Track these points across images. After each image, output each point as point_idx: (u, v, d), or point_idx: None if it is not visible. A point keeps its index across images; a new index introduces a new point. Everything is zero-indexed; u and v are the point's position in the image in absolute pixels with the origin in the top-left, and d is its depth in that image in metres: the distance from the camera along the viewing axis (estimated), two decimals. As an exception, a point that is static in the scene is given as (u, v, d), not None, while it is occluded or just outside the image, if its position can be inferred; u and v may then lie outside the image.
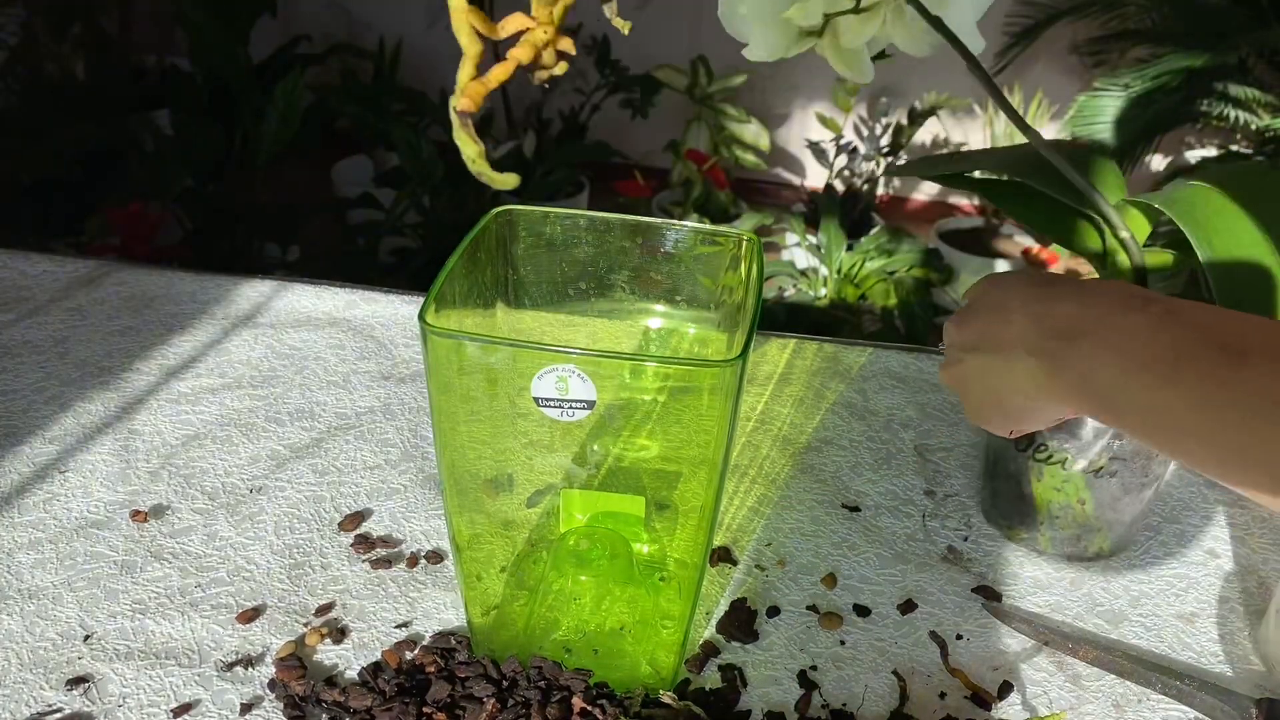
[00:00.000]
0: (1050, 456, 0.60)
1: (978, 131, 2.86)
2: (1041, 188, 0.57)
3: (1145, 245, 0.57)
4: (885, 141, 2.74)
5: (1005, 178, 0.59)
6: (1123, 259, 0.57)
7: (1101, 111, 2.26)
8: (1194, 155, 2.65)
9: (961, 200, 3.01)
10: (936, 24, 0.49)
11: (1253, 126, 2.27)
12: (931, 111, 2.69)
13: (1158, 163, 2.67)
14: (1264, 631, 0.57)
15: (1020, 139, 2.65)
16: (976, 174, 0.63)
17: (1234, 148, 2.51)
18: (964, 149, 2.44)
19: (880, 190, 2.95)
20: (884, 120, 2.76)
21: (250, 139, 2.10)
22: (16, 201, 2.07)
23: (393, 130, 2.11)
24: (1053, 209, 0.59)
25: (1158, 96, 2.20)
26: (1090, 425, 0.58)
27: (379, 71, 2.62)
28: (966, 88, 2.74)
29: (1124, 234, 0.56)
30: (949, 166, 0.63)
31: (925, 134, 2.92)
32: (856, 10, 0.50)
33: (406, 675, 0.53)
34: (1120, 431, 0.44)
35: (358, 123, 2.33)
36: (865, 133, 2.79)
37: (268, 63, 2.36)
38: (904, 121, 2.72)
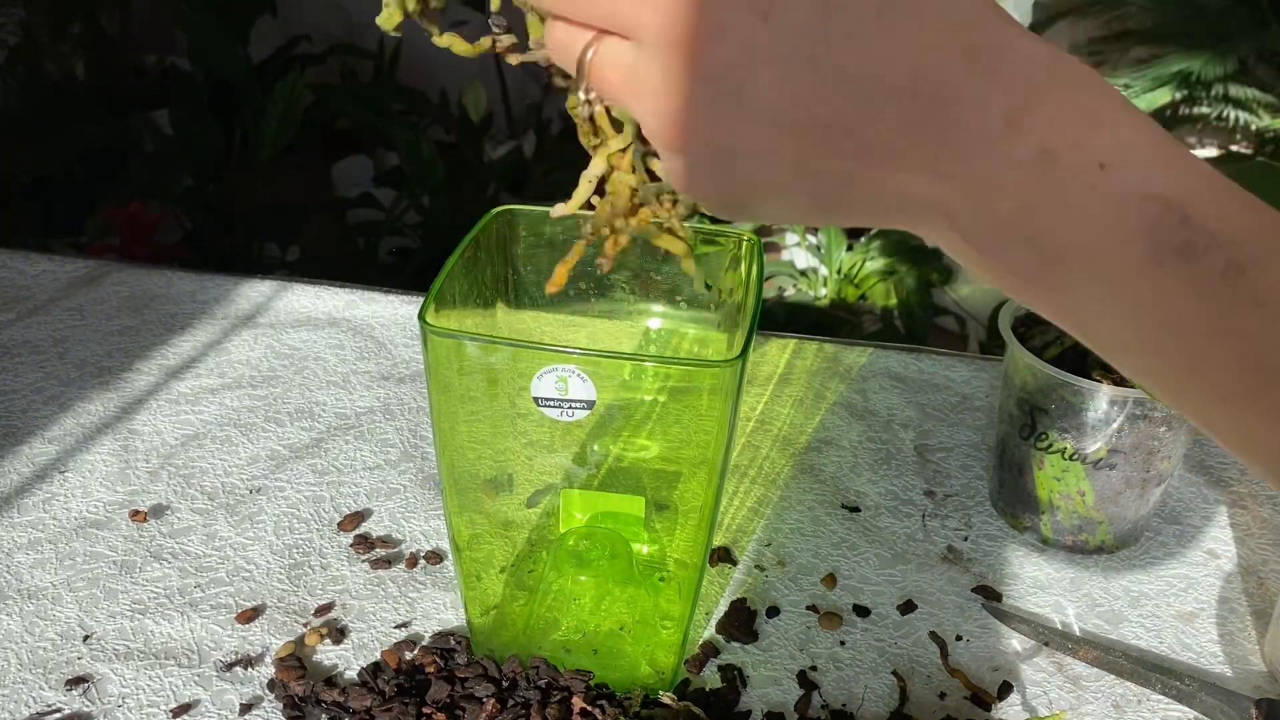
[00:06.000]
0: (1050, 445, 0.60)
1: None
2: None
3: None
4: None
5: None
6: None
7: (1102, 112, 2.26)
8: (1194, 155, 2.64)
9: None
10: None
11: (1253, 127, 2.27)
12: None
13: (1158, 163, 2.66)
14: (1273, 637, 0.57)
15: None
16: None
17: (1234, 148, 2.51)
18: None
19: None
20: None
21: (250, 139, 2.09)
22: (16, 201, 2.07)
23: (393, 130, 2.11)
24: None
25: (1158, 97, 2.20)
26: (1091, 416, 0.58)
27: (379, 71, 2.61)
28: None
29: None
30: None
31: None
32: None
33: (406, 675, 0.53)
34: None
35: (358, 123, 2.33)
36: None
37: (268, 63, 2.35)
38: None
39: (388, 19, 0.35)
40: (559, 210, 0.37)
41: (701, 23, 0.27)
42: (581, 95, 0.31)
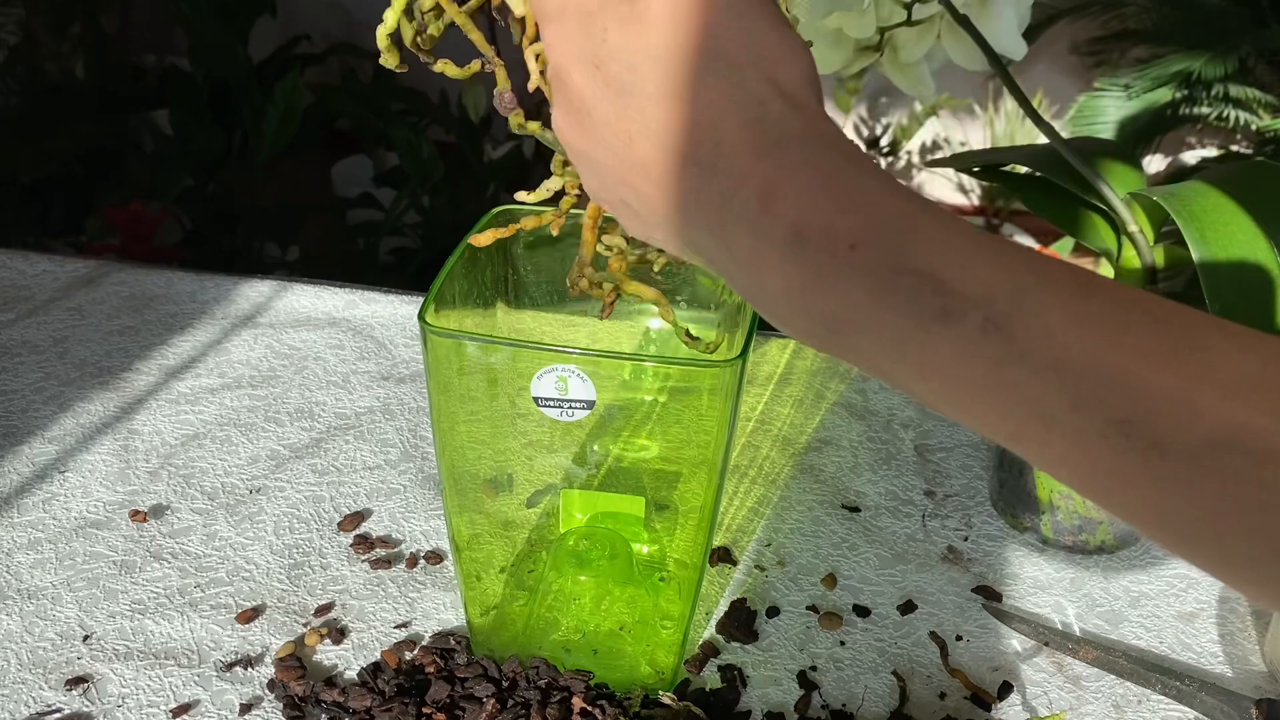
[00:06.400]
0: None
1: (978, 131, 2.86)
2: (1062, 183, 0.57)
3: (1154, 243, 0.57)
4: (886, 141, 2.74)
5: (1037, 174, 0.60)
6: (1131, 254, 0.57)
7: (1102, 111, 2.26)
8: (1194, 155, 2.64)
9: (962, 200, 3.01)
10: (969, 27, 0.50)
11: (1253, 127, 2.27)
12: (932, 112, 2.69)
13: (1158, 163, 2.67)
14: (1273, 637, 0.57)
15: (1021, 139, 2.65)
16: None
17: (1234, 148, 2.51)
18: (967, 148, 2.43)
19: (880, 190, 2.94)
20: (884, 120, 2.75)
21: (250, 139, 2.10)
22: (16, 201, 2.07)
23: (393, 130, 2.11)
24: (1071, 204, 0.60)
25: (1158, 96, 2.20)
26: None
27: (379, 71, 2.61)
28: (967, 88, 2.74)
29: (1132, 228, 0.56)
30: (985, 160, 0.64)
31: (926, 134, 2.93)
32: (910, 23, 0.51)
33: (406, 675, 0.53)
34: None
35: (358, 123, 2.33)
36: (865, 133, 2.79)
37: (267, 62, 2.35)
38: (904, 121, 2.72)
39: (389, 60, 0.38)
40: (523, 195, 0.42)
41: (567, 52, 0.32)
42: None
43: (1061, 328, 0.26)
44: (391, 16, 0.36)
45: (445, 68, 0.39)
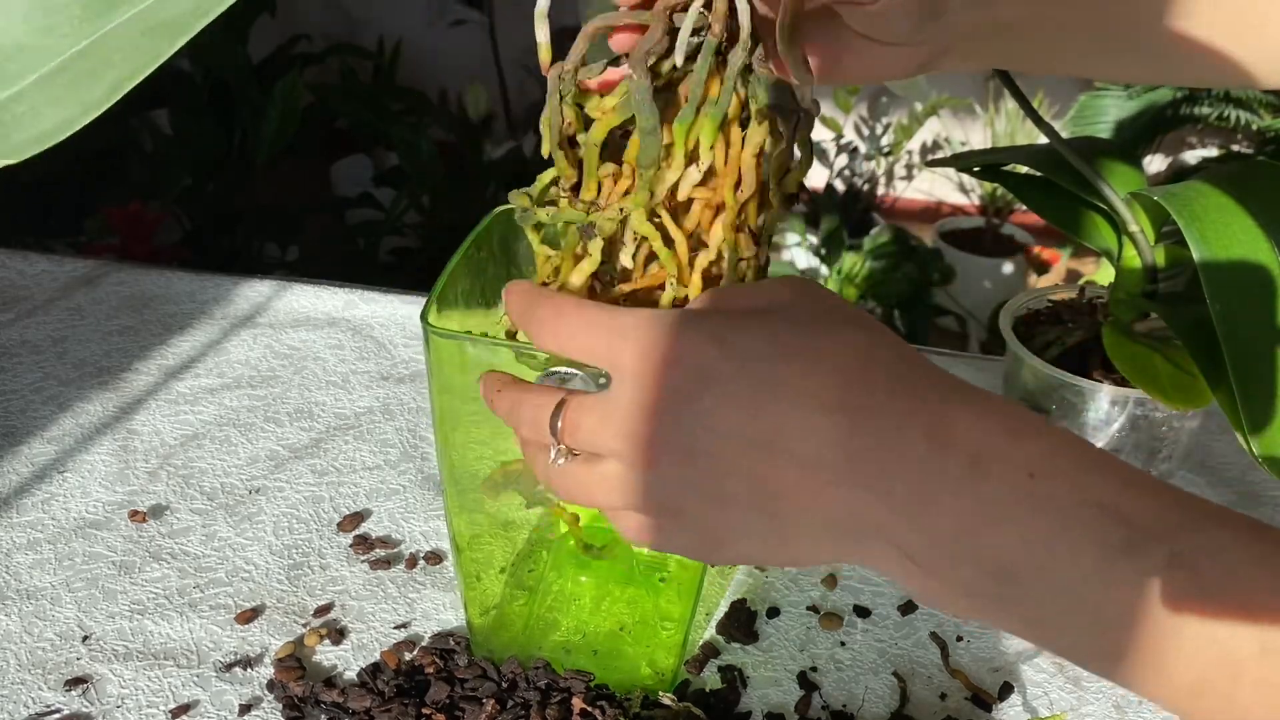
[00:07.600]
0: None
1: (978, 131, 2.86)
2: (1062, 183, 0.57)
3: (1154, 243, 0.57)
4: (886, 141, 2.74)
5: (1037, 174, 0.59)
6: (1131, 254, 0.57)
7: (1102, 111, 2.26)
8: (1194, 155, 2.64)
9: (962, 200, 3.01)
10: None
11: (1253, 126, 2.27)
12: (932, 111, 2.69)
13: (1158, 163, 2.67)
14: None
15: (1021, 139, 2.65)
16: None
17: (1235, 148, 2.51)
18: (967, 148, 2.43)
19: (881, 190, 2.95)
20: (884, 120, 2.75)
21: (249, 139, 2.09)
22: (16, 201, 2.07)
23: (393, 130, 2.11)
24: (1072, 204, 0.59)
25: (1158, 96, 2.20)
26: (1092, 416, 0.58)
27: (379, 71, 2.61)
28: (967, 88, 2.74)
29: (1133, 228, 0.56)
30: (985, 160, 0.64)
31: (926, 134, 2.92)
32: None
33: (405, 676, 0.53)
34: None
35: (357, 123, 2.33)
36: (866, 133, 2.79)
37: (267, 62, 2.35)
38: (904, 121, 2.71)
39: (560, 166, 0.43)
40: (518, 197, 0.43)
41: (667, 351, 0.31)
42: (551, 455, 0.35)
43: (1244, 567, 0.26)
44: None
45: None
